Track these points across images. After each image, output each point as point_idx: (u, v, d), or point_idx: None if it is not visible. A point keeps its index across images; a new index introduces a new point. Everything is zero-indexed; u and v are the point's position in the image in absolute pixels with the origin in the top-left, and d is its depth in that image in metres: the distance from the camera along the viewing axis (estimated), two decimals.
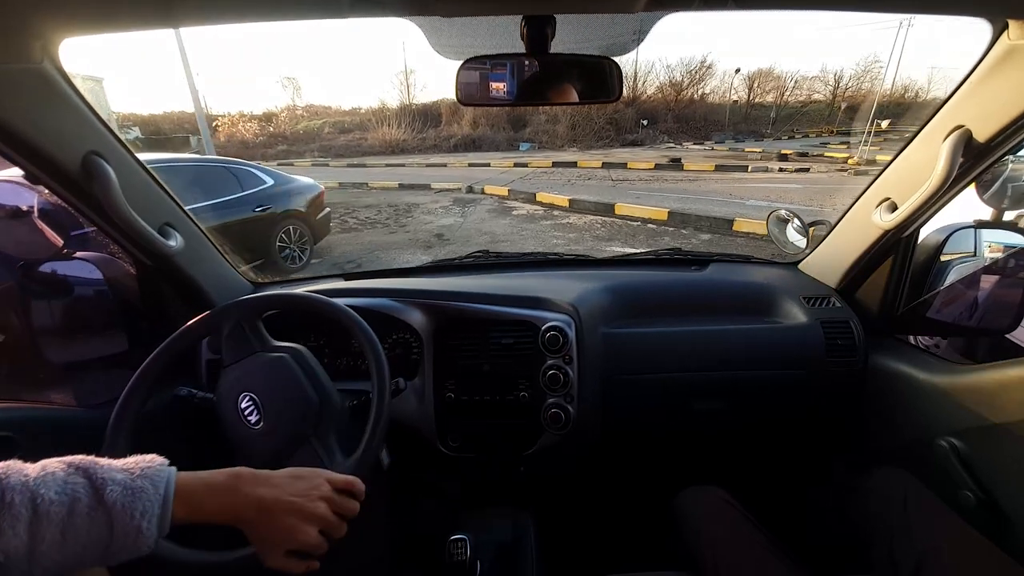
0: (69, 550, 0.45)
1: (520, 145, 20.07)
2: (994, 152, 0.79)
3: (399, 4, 0.58)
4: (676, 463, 1.34)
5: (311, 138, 22.08)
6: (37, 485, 0.45)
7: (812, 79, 29.07)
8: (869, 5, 0.64)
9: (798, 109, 28.63)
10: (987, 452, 0.83)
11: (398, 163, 15.92)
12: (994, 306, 0.99)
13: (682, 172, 11.89)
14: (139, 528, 0.48)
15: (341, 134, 22.33)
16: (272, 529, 0.56)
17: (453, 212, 7.81)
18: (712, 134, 23.00)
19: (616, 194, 8.60)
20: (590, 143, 20.14)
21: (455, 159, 16.29)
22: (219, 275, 1.14)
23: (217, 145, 18.37)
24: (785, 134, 24.56)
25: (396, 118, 21.80)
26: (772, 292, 1.19)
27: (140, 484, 0.49)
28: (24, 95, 0.68)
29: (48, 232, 1.15)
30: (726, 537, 0.84)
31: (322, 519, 0.58)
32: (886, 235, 0.98)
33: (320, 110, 27.38)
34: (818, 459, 1.27)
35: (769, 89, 28.28)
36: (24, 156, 0.72)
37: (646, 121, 22.26)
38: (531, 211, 7.70)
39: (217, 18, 0.60)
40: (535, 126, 21.79)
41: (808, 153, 14.96)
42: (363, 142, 20.72)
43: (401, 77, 28.75)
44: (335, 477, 0.63)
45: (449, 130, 21.83)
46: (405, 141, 20.55)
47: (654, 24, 0.74)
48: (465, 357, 1.07)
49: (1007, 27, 0.66)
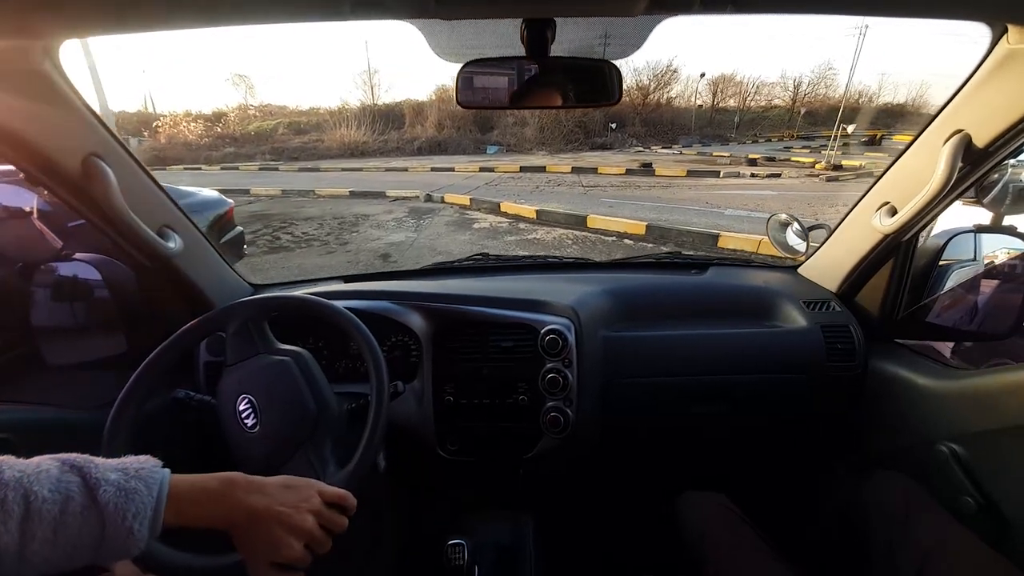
0: (60, 550, 0.45)
1: (487, 148, 19.58)
2: (993, 156, 0.79)
3: (400, 7, 0.58)
4: (676, 467, 1.34)
5: (263, 140, 20.43)
6: (31, 482, 0.45)
7: (772, 85, 29.93)
8: (867, 9, 0.64)
9: (760, 114, 29.49)
10: (987, 457, 0.83)
11: (355, 167, 14.80)
12: (994, 311, 0.99)
13: (654, 177, 11.69)
14: (130, 529, 0.48)
15: (296, 135, 20.96)
16: (259, 539, 0.55)
17: (406, 226, 6.94)
18: (679, 138, 23.31)
19: (588, 203, 8.11)
20: (559, 146, 19.83)
21: (418, 163, 15.39)
22: (218, 277, 1.14)
23: (157, 147, 17.69)
24: (749, 138, 25.10)
25: (356, 119, 20.49)
26: (772, 296, 1.19)
27: (134, 485, 0.49)
28: (25, 97, 0.68)
29: (47, 233, 1.15)
30: (726, 541, 0.84)
31: (308, 533, 0.57)
32: (886, 239, 0.98)
33: (275, 110, 25.62)
34: (818, 463, 1.27)
35: (731, 94, 29.02)
36: (24, 157, 0.72)
37: (614, 124, 22.23)
38: (494, 224, 6.93)
39: (218, 20, 0.60)
40: (502, 129, 21.22)
41: (775, 158, 15.05)
42: (319, 144, 19.43)
43: (364, 77, 27.24)
44: (326, 490, 0.62)
45: (413, 132, 20.76)
46: (365, 144, 19.41)
47: (654, 28, 0.74)
48: (464, 360, 1.07)
49: (1006, 31, 0.66)
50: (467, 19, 0.64)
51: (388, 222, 7.21)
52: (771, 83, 30.33)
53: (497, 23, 0.70)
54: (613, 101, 0.76)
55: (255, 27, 0.62)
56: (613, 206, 7.70)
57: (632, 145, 21.30)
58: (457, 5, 0.57)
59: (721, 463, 1.34)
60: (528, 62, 0.72)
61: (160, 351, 0.81)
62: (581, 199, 8.57)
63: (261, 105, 26.32)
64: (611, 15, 0.64)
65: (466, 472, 1.16)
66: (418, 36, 0.73)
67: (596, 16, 0.68)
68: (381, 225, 7.05)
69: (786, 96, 30.31)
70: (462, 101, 0.77)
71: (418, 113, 21.90)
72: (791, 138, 25.11)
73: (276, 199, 9.65)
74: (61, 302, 1.01)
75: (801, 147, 19.88)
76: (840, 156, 13.35)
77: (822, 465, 1.25)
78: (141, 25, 0.62)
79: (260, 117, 23.79)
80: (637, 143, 21.75)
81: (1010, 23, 0.65)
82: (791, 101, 30.17)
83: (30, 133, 0.70)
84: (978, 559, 0.69)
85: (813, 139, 23.53)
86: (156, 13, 0.58)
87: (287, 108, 26.13)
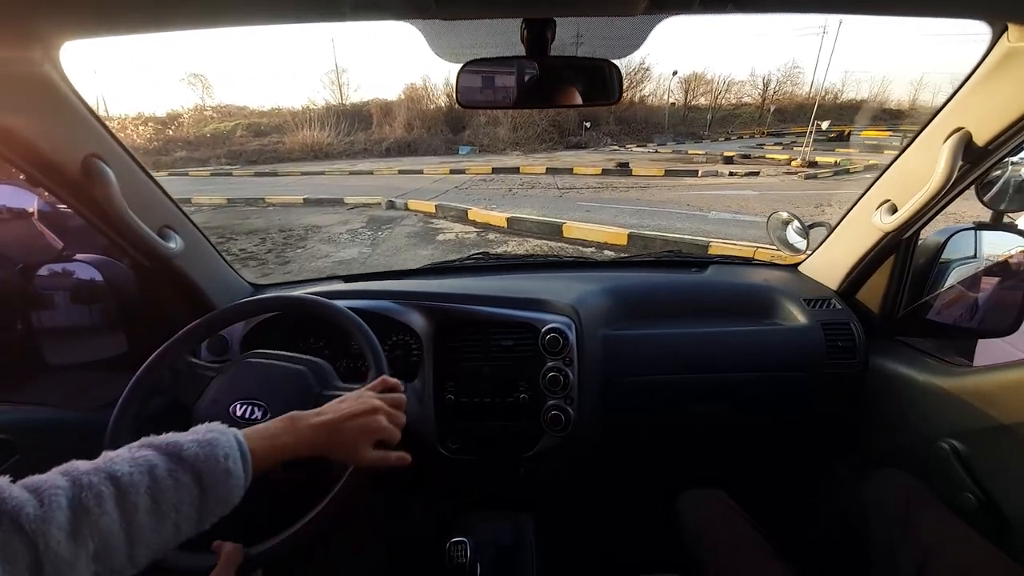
0: (165, 519, 0.45)
1: (460, 149, 19.15)
2: (994, 154, 0.79)
3: (400, 7, 0.58)
4: (676, 465, 1.34)
5: (219, 142, 19.32)
6: (107, 465, 0.45)
7: (742, 83, 30.62)
8: (868, 8, 0.64)
9: (731, 112, 30.07)
10: (988, 454, 0.83)
11: (316, 171, 14.06)
12: (994, 308, 0.99)
13: (631, 178, 11.48)
14: (228, 471, 0.48)
15: (256, 137, 19.89)
16: (347, 438, 0.60)
17: (361, 239, 6.16)
18: (653, 136, 23.48)
19: (563, 207, 7.69)
20: (533, 146, 19.55)
21: (385, 165, 14.75)
22: (218, 277, 1.14)
23: None
24: (721, 136, 25.41)
25: (320, 120, 19.66)
26: (772, 294, 1.19)
27: (211, 438, 0.50)
28: (25, 98, 0.68)
29: (48, 233, 1.15)
30: (727, 539, 0.84)
31: (378, 411, 0.64)
32: (886, 237, 0.99)
33: (235, 110, 24.30)
34: (819, 461, 1.27)
35: (702, 92, 29.50)
36: (25, 158, 0.72)
37: (588, 123, 22.16)
38: (461, 234, 6.31)
39: (217, 21, 0.60)
40: (475, 128, 20.77)
41: (751, 155, 15.09)
42: (280, 147, 18.55)
43: (332, 76, 26.44)
44: (373, 385, 0.69)
45: (381, 133, 20.21)
46: (330, 145, 18.65)
47: (654, 27, 0.74)
48: (465, 359, 1.07)
49: (1007, 29, 0.66)
50: (467, 19, 0.64)
51: (341, 235, 6.46)
52: (740, 81, 31.05)
53: (497, 23, 0.70)
54: (613, 100, 0.76)
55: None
56: (591, 210, 7.37)
57: (607, 144, 21.24)
58: (457, 5, 0.57)
59: (722, 461, 1.35)
60: (528, 62, 0.72)
61: (161, 351, 0.81)
62: (556, 203, 8.18)
63: (219, 106, 25.22)
64: (611, 15, 0.64)
65: (467, 471, 1.16)
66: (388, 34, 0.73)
67: (596, 16, 0.68)
68: (332, 239, 6.25)
69: (755, 94, 31.08)
70: (462, 101, 0.77)
71: (386, 113, 21.28)
72: (762, 135, 25.49)
73: (220, 209, 8.91)
74: (62, 302, 1.01)
75: (773, 144, 20.06)
76: (813, 153, 13.49)
77: (822, 463, 1.26)
78: (141, 27, 0.62)
79: (217, 118, 22.69)
80: (612, 141, 21.73)
81: (1010, 21, 0.65)
82: (760, 99, 30.98)
83: (30, 134, 0.70)
84: (979, 557, 0.69)
85: (783, 136, 23.94)
86: (156, 14, 0.58)
87: (247, 109, 24.96)
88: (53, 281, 0.99)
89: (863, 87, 10.21)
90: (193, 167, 16.26)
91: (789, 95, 31.22)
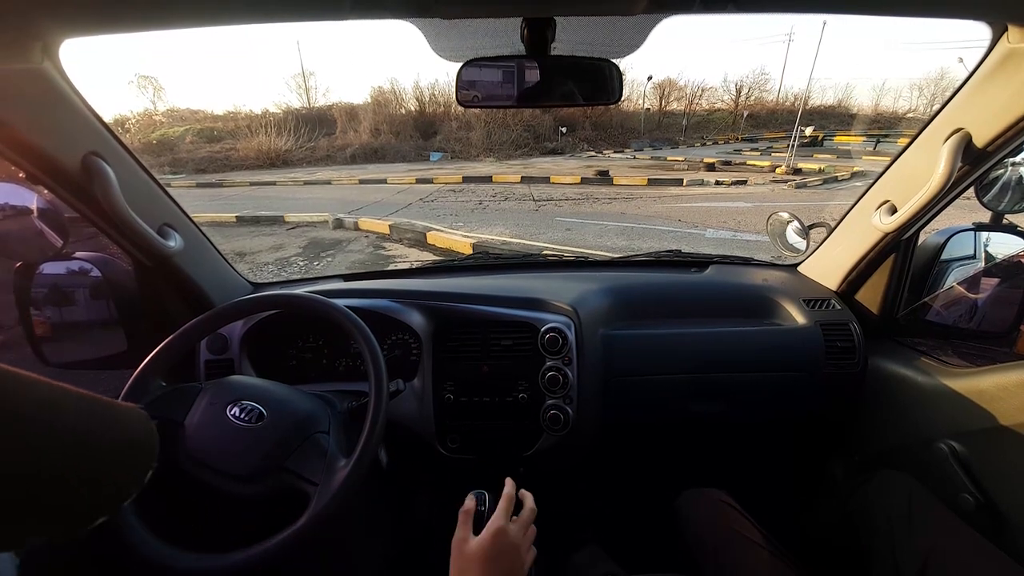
0: None
1: (431, 155, 18.23)
2: (994, 155, 0.79)
3: (400, 6, 0.58)
4: (676, 465, 1.34)
5: (165, 149, 18.00)
6: None
7: (714, 88, 31.46)
8: (868, 8, 0.64)
9: (705, 117, 30.58)
10: (986, 455, 0.83)
11: (267, 181, 12.71)
12: (993, 309, 0.99)
13: (613, 188, 10.54)
14: None
15: (208, 144, 18.46)
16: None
17: (292, 270, 5.10)
18: (631, 141, 23.41)
19: (540, 223, 6.71)
20: (507, 152, 18.79)
21: (346, 173, 13.58)
22: (218, 276, 1.14)
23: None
24: (697, 141, 25.61)
25: (278, 125, 18.33)
26: (772, 294, 1.19)
27: None
28: (24, 96, 0.68)
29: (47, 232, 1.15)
30: (727, 539, 0.84)
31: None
32: (886, 238, 0.99)
33: (186, 115, 22.75)
34: (818, 461, 1.27)
35: (676, 98, 30.05)
36: (24, 156, 0.72)
37: (564, 128, 21.93)
38: (416, 263, 5.21)
39: (217, 19, 0.60)
40: (446, 133, 19.94)
41: (731, 161, 14.89)
42: (233, 154, 17.15)
43: (299, 79, 25.41)
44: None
45: (345, 139, 18.96)
46: (288, 152, 17.39)
47: (654, 26, 0.74)
48: (464, 358, 1.07)
49: (1007, 30, 0.66)
50: (467, 18, 0.64)
51: (268, 265, 5.29)
52: (712, 87, 31.99)
53: (497, 22, 0.70)
54: (614, 100, 0.76)
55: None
56: (571, 228, 6.39)
57: (584, 149, 20.91)
58: (457, 4, 0.57)
59: (721, 461, 1.35)
60: (528, 61, 0.72)
61: (161, 349, 0.81)
62: (532, 218, 7.19)
63: (169, 110, 23.40)
64: (611, 14, 0.64)
65: (466, 470, 1.16)
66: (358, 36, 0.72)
67: (596, 15, 0.68)
68: (258, 268, 5.12)
69: (728, 99, 31.75)
70: (462, 100, 0.77)
71: (351, 117, 20.13)
72: (737, 140, 25.70)
73: None
74: (61, 301, 1.01)
75: (750, 149, 20.02)
76: (797, 159, 13.34)
77: (821, 463, 1.26)
78: (141, 24, 0.62)
79: (167, 124, 21.19)
80: (589, 147, 21.41)
81: (1010, 22, 0.65)
82: (733, 104, 31.58)
83: (30, 131, 0.70)
84: (980, 556, 0.69)
85: (758, 141, 24.04)
86: (156, 12, 0.58)
87: (200, 113, 23.31)
88: (53, 279, 0.99)
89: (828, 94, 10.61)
90: None
91: (760, 101, 31.76)
